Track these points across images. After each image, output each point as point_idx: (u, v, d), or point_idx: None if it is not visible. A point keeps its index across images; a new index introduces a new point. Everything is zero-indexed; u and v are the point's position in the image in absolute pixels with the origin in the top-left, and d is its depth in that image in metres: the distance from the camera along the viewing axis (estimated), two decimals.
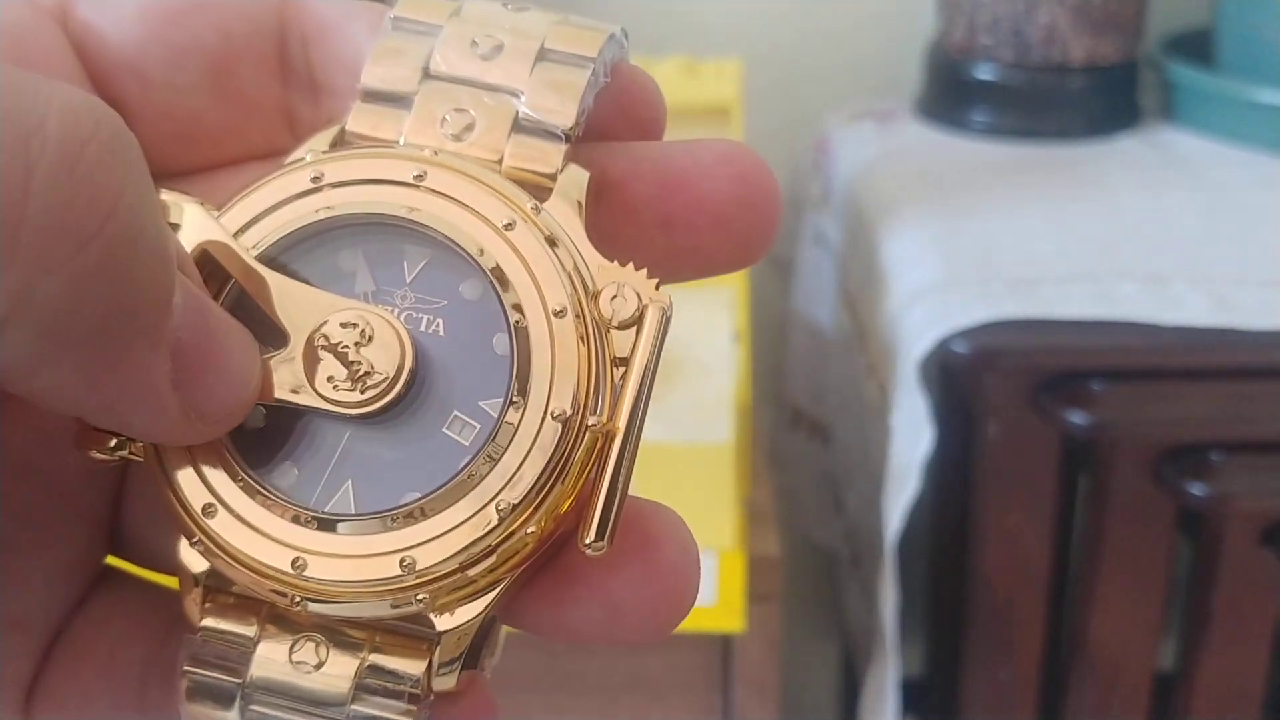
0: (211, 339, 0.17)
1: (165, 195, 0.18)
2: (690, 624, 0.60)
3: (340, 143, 0.19)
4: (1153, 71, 0.76)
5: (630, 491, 0.19)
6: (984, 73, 0.73)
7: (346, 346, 0.18)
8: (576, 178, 0.19)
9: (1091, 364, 0.56)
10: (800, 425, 0.82)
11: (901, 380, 0.57)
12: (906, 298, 0.59)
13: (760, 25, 0.87)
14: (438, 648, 0.18)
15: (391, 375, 0.17)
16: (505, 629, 0.21)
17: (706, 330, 0.69)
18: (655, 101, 0.20)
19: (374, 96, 0.19)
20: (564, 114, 0.19)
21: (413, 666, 0.18)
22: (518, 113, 0.19)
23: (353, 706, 0.18)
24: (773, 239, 0.20)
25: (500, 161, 0.19)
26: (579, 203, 0.19)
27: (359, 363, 0.17)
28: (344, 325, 0.18)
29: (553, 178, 0.19)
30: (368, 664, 0.18)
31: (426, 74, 0.19)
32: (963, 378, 0.58)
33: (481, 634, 0.18)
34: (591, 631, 0.19)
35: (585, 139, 0.19)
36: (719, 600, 0.56)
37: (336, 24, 0.20)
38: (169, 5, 0.20)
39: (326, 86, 0.20)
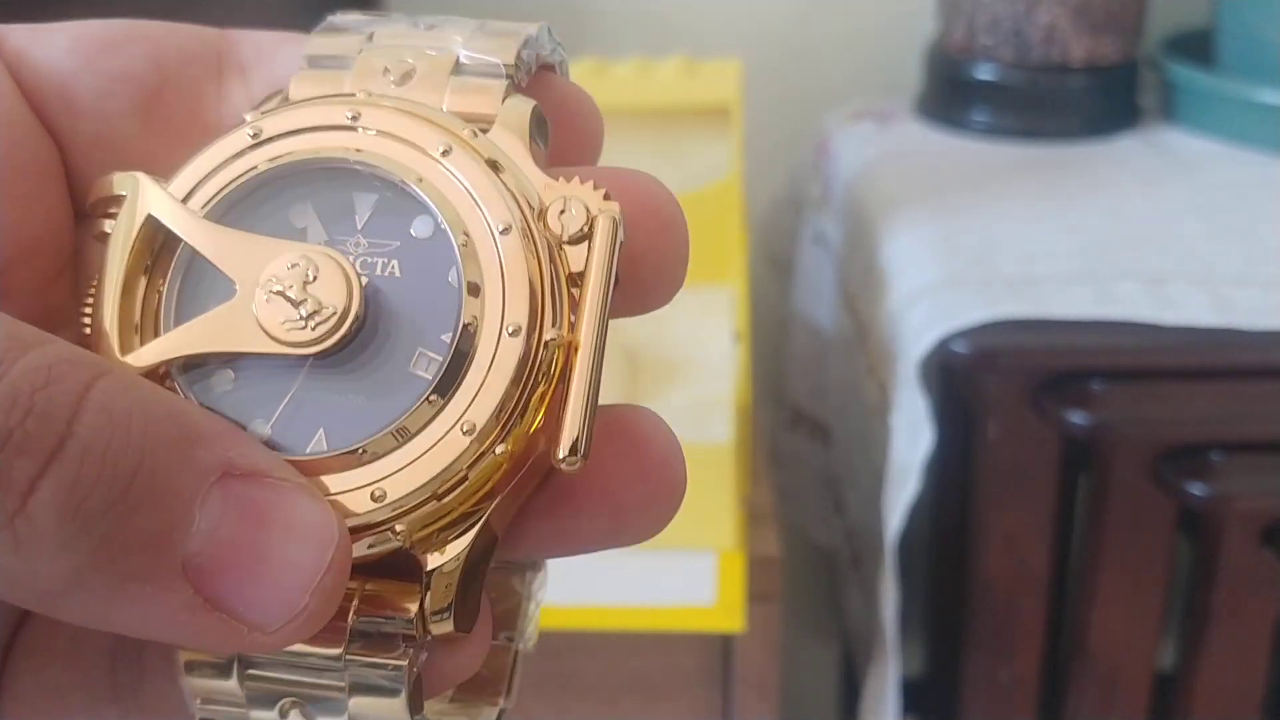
0: (246, 549, 0.15)
1: (115, 176, 0.18)
2: (690, 624, 0.60)
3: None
4: (1153, 71, 0.76)
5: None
6: (984, 73, 0.73)
7: (293, 286, 0.17)
8: (519, 107, 0.19)
9: (1091, 364, 0.56)
10: (800, 425, 0.82)
11: (901, 380, 0.57)
12: (906, 298, 0.59)
13: (760, 25, 0.87)
14: (428, 589, 0.17)
15: (341, 309, 0.17)
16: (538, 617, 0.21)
17: (706, 330, 0.69)
18: (590, 113, 0.20)
19: (317, 61, 0.20)
20: (498, 58, 0.19)
21: (403, 610, 0.17)
22: (458, 58, 0.19)
23: (349, 656, 0.17)
24: (683, 272, 0.20)
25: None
26: (524, 131, 0.19)
27: (306, 300, 0.17)
28: (290, 267, 0.17)
29: (493, 117, 0.19)
30: (359, 613, 0.17)
31: None
32: (963, 378, 0.58)
33: (474, 574, 0.18)
34: (597, 536, 0.18)
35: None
36: (719, 600, 0.56)
37: (274, 49, 0.20)
38: (101, 36, 0.20)
39: None
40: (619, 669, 0.58)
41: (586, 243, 0.18)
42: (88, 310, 0.18)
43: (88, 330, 0.18)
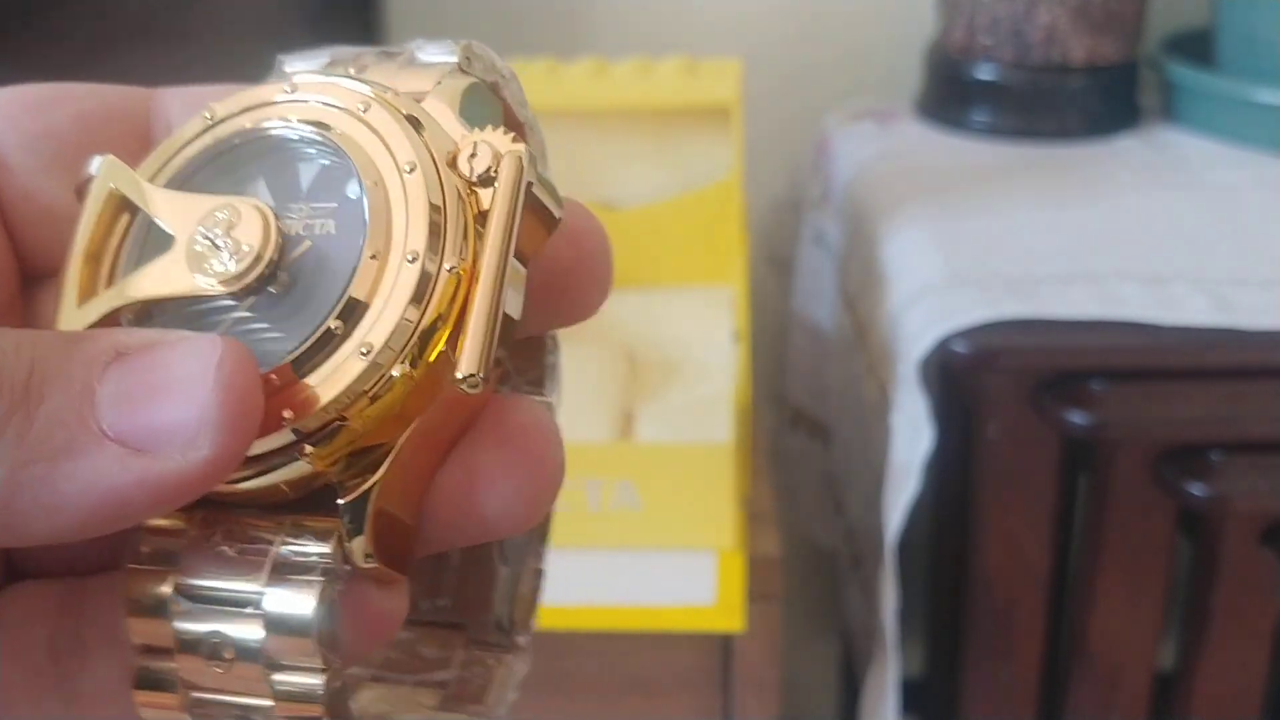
0: (148, 391, 0.17)
1: (93, 159, 0.20)
2: (690, 624, 0.60)
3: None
4: (1153, 71, 0.76)
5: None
6: (984, 73, 0.73)
7: (217, 232, 0.19)
8: (454, 81, 0.20)
9: (1091, 364, 0.56)
10: (800, 425, 0.82)
11: (901, 380, 0.57)
12: (906, 298, 0.59)
13: (760, 25, 0.87)
14: (345, 522, 0.18)
15: (257, 247, 0.18)
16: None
17: (706, 330, 0.69)
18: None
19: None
20: (451, 52, 0.21)
21: (322, 543, 0.18)
22: (414, 57, 0.21)
23: (267, 589, 0.18)
24: (607, 287, 0.21)
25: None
26: (455, 100, 0.20)
27: (229, 243, 0.18)
28: (217, 216, 0.19)
29: (428, 92, 0.20)
30: (281, 547, 0.18)
31: None
32: (963, 378, 0.58)
33: (397, 520, 0.19)
34: (460, 507, 0.19)
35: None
36: (719, 600, 0.56)
37: (200, 106, 0.21)
38: (28, 96, 0.22)
39: None
40: (619, 669, 0.58)
41: (494, 184, 0.19)
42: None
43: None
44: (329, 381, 0.18)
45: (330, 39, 0.22)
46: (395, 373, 0.18)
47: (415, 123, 0.19)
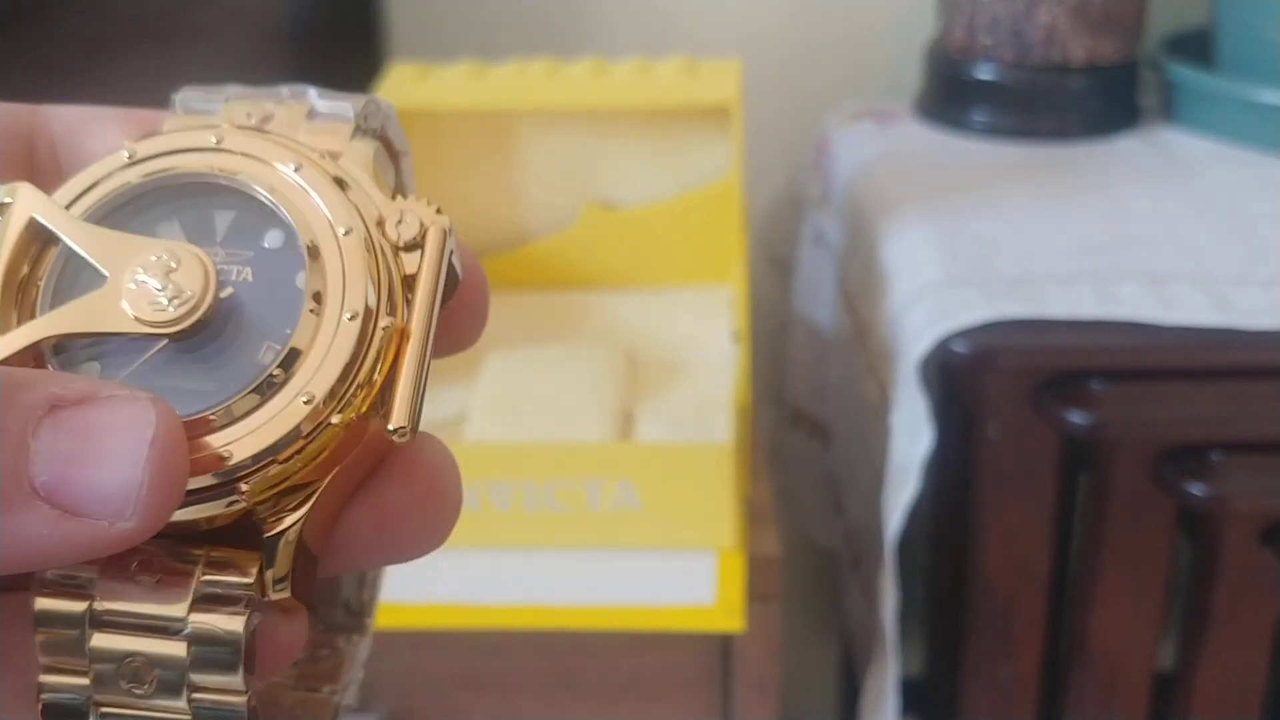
0: (81, 456, 0.17)
1: (6, 185, 0.20)
2: (690, 624, 0.60)
3: None
4: (1153, 71, 0.76)
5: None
6: (984, 73, 0.74)
7: (157, 274, 0.19)
8: (363, 146, 0.22)
9: (1091, 364, 0.56)
10: (800, 425, 0.82)
11: (901, 380, 0.57)
12: (906, 298, 0.59)
13: (760, 25, 0.87)
14: (270, 553, 0.19)
15: (198, 293, 0.19)
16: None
17: (706, 330, 0.69)
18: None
19: (187, 104, 0.22)
20: (349, 106, 0.22)
21: (245, 575, 0.19)
22: (312, 106, 0.22)
23: (191, 616, 0.19)
24: (483, 322, 0.23)
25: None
26: (369, 164, 0.22)
27: (168, 286, 0.19)
28: (155, 259, 0.20)
29: (340, 153, 0.22)
30: (203, 577, 0.19)
31: None
32: (963, 378, 0.58)
33: (308, 551, 0.20)
34: (367, 539, 0.20)
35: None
36: (719, 600, 0.56)
37: (84, 125, 0.22)
38: None
39: None
40: (619, 669, 0.58)
41: (419, 250, 0.21)
42: None
43: None
44: (271, 425, 0.19)
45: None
46: (334, 420, 0.19)
47: (342, 184, 0.21)
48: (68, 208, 0.21)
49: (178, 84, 0.23)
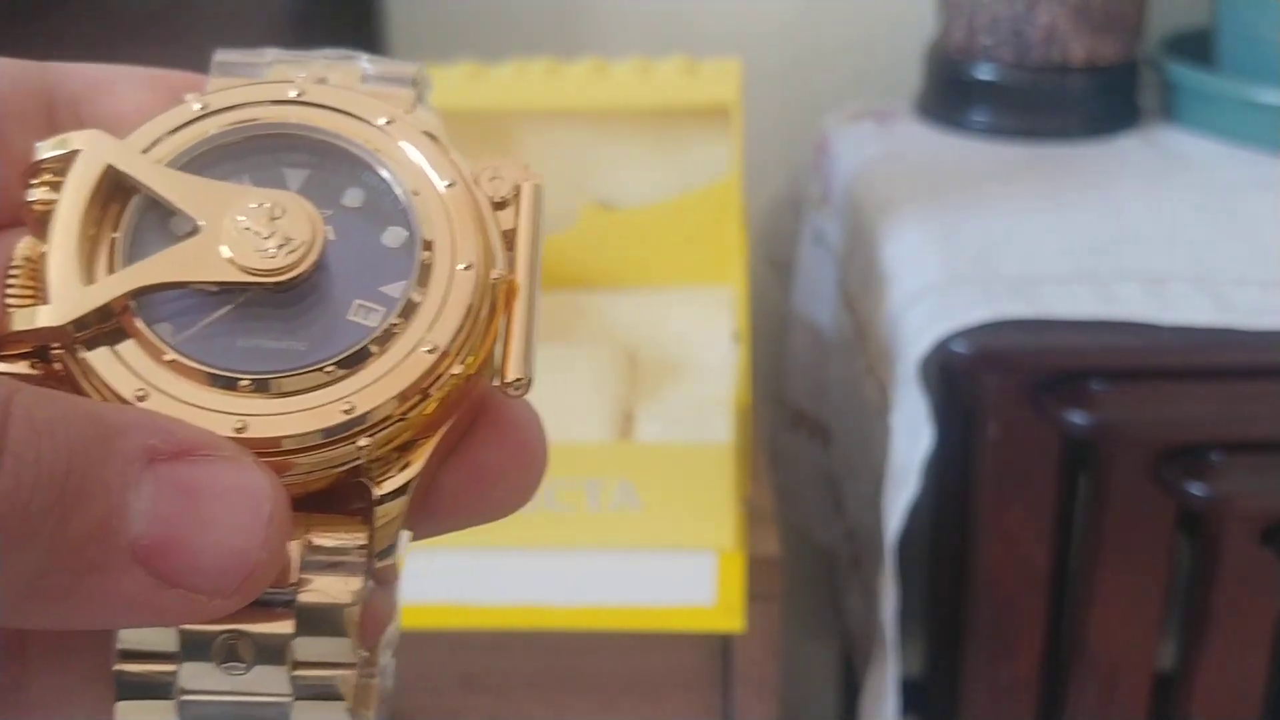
0: (186, 523, 0.16)
1: (65, 135, 0.19)
2: (690, 624, 0.60)
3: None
4: (1153, 71, 0.76)
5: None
6: (984, 73, 0.73)
7: (260, 222, 0.18)
8: (428, 113, 0.21)
9: (1091, 364, 0.56)
10: (800, 425, 0.82)
11: (901, 380, 0.57)
12: (906, 298, 0.59)
13: (760, 25, 0.87)
14: (376, 517, 0.18)
15: (309, 240, 0.18)
16: None
17: (706, 330, 0.69)
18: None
19: (227, 68, 0.21)
20: (408, 69, 0.21)
21: (354, 538, 0.18)
22: (364, 70, 0.21)
23: (300, 595, 0.18)
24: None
25: None
26: (439, 128, 0.21)
27: (275, 234, 0.18)
28: (257, 206, 0.19)
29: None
30: (310, 543, 0.18)
31: None
32: (963, 378, 0.58)
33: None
34: (464, 500, 0.19)
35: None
36: (719, 600, 0.56)
37: (108, 83, 0.21)
38: None
39: None
40: (619, 669, 0.58)
41: (513, 207, 0.20)
42: (14, 278, 0.19)
43: (16, 297, 0.18)
44: (394, 375, 0.18)
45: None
46: (455, 371, 0.18)
47: (434, 140, 0.20)
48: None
49: None
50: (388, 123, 0.20)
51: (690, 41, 0.79)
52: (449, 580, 0.58)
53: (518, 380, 0.19)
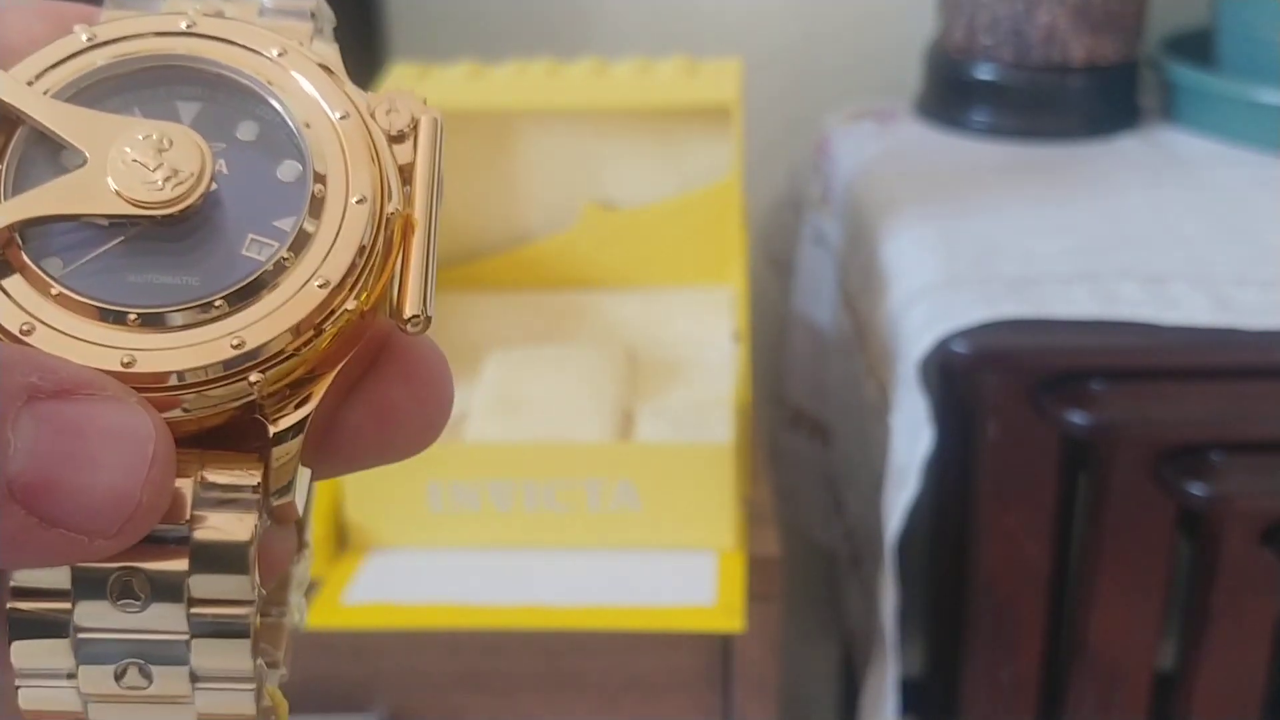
0: (66, 462, 0.16)
1: None
2: (690, 624, 0.60)
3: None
4: (1153, 71, 0.76)
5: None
6: (984, 73, 0.73)
7: (149, 153, 0.18)
8: (327, 46, 0.21)
9: (1091, 364, 0.56)
10: (800, 425, 0.82)
11: (901, 380, 0.57)
12: (906, 298, 0.59)
13: (760, 25, 0.87)
14: (272, 456, 0.18)
15: (196, 173, 0.18)
16: None
17: (706, 330, 0.69)
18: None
19: (122, 2, 0.20)
20: (305, 2, 0.21)
21: (249, 475, 0.18)
22: (262, 3, 0.21)
23: (195, 532, 0.17)
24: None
25: None
26: (337, 61, 0.20)
27: (162, 165, 0.18)
28: (143, 138, 0.18)
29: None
30: (203, 480, 0.18)
31: None
32: (963, 378, 0.58)
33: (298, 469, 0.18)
34: (366, 439, 0.19)
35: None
36: (719, 600, 0.56)
37: (29, 20, 0.20)
38: None
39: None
40: (619, 669, 0.58)
41: (410, 140, 0.20)
42: None
43: None
44: (285, 310, 0.18)
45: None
46: (349, 306, 0.18)
47: (329, 71, 0.20)
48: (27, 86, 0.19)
49: None
50: (280, 54, 0.20)
51: (690, 41, 0.79)
52: (449, 580, 0.58)
53: (414, 318, 0.18)
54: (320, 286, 0.18)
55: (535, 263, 0.73)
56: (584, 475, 0.58)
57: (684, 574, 0.58)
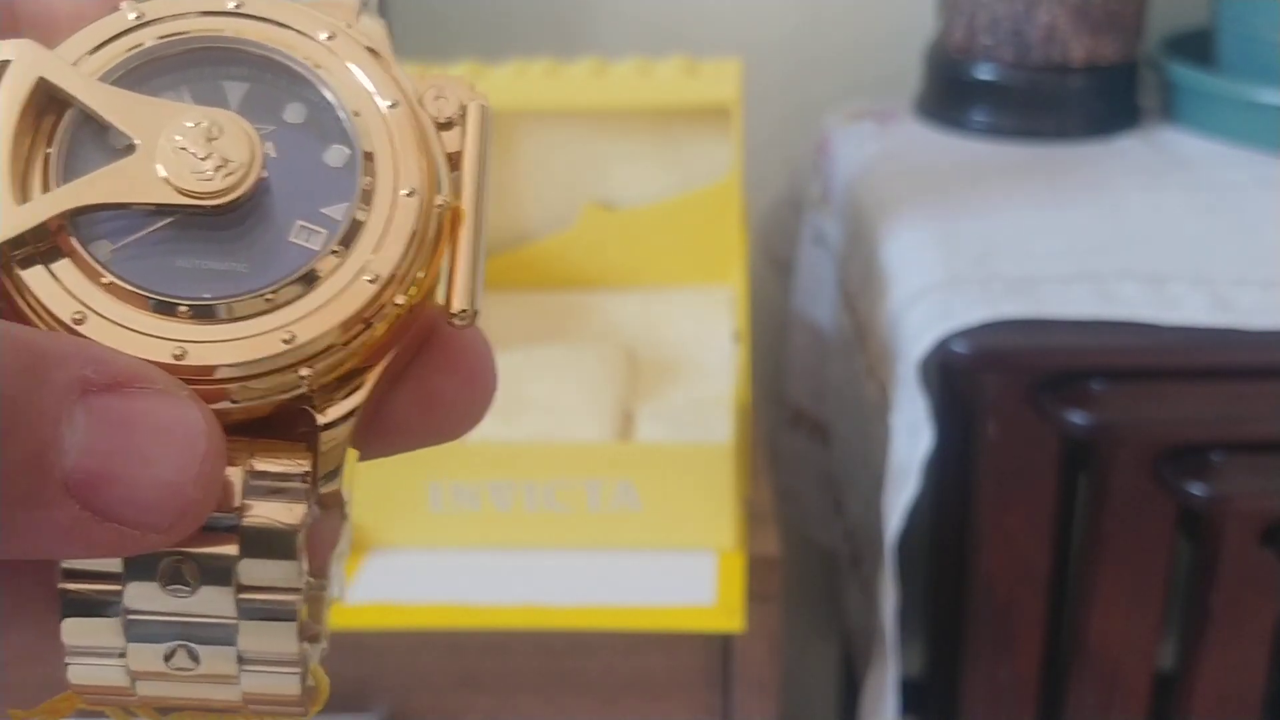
0: (120, 457, 0.16)
1: (1, 43, 0.18)
2: (690, 624, 0.60)
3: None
4: (1153, 71, 0.76)
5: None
6: (984, 73, 0.73)
7: (198, 141, 0.18)
8: (374, 23, 0.20)
9: (1091, 364, 0.56)
10: (800, 425, 0.82)
11: (901, 380, 0.57)
12: (906, 298, 0.59)
13: (760, 25, 0.87)
14: (320, 443, 0.18)
15: (247, 162, 0.18)
16: None
17: (706, 330, 0.69)
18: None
19: None
20: None
21: (298, 464, 0.18)
22: None
23: (244, 519, 0.17)
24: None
25: None
26: (385, 40, 0.20)
27: (211, 155, 0.18)
28: (193, 125, 0.18)
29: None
30: (253, 468, 0.18)
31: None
32: (962, 378, 0.58)
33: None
34: (413, 425, 0.19)
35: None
36: (719, 600, 0.56)
37: None
38: None
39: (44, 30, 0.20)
40: (619, 669, 0.58)
41: (459, 128, 0.19)
42: None
43: None
44: (335, 304, 0.18)
45: None
46: (399, 301, 0.18)
47: (377, 55, 0.19)
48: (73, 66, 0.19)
49: None
50: (329, 38, 0.19)
51: (690, 41, 0.79)
52: (449, 580, 0.58)
53: (462, 312, 0.18)
54: (370, 281, 0.18)
55: (535, 263, 0.73)
56: (584, 475, 0.58)
57: (684, 574, 0.58)
